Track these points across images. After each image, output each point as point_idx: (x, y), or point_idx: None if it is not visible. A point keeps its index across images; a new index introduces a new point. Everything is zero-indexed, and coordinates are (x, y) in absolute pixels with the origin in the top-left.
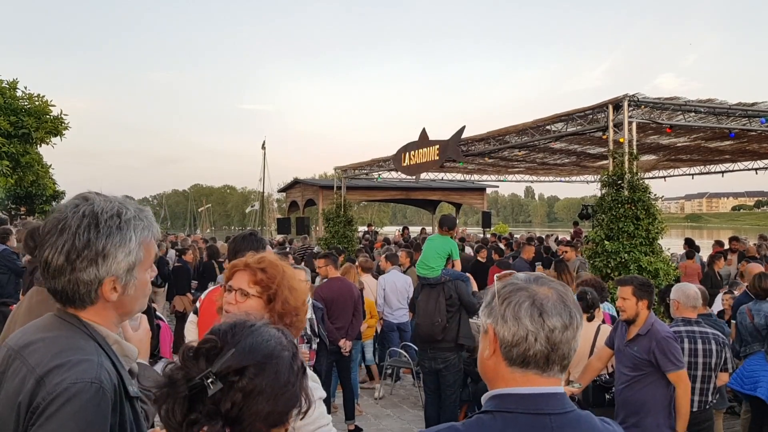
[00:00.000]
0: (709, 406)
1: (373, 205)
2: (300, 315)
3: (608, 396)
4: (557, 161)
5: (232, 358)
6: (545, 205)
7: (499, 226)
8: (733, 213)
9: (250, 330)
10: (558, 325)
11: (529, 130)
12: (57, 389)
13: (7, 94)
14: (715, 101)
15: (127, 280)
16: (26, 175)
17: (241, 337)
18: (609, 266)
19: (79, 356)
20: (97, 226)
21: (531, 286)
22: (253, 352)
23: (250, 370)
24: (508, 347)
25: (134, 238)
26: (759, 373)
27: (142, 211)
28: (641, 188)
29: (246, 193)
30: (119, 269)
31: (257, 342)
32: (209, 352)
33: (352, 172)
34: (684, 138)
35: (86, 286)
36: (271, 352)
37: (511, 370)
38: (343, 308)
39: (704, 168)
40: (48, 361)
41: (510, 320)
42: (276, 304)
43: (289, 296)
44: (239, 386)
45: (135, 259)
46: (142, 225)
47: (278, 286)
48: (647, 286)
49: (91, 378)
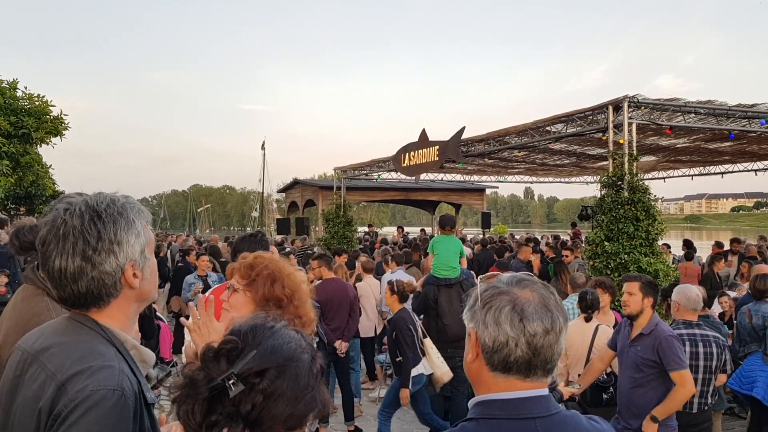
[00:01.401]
0: (708, 407)
1: (373, 206)
2: (296, 303)
3: (606, 396)
4: (557, 162)
5: (253, 360)
6: (545, 205)
7: (499, 226)
8: (733, 214)
9: (270, 332)
10: (539, 330)
11: (529, 131)
12: (79, 396)
13: (7, 94)
14: (714, 102)
15: (142, 262)
16: (26, 175)
17: (261, 339)
18: (609, 267)
19: (100, 362)
20: (100, 217)
21: (513, 290)
22: (274, 354)
23: (271, 372)
24: (489, 353)
25: (137, 220)
26: (756, 372)
27: (128, 197)
28: (641, 189)
29: (245, 194)
30: (135, 252)
31: (278, 344)
32: (230, 353)
33: (352, 172)
34: (684, 139)
35: (111, 277)
36: (292, 354)
37: (494, 375)
38: (338, 309)
39: (704, 169)
40: (69, 367)
41: (491, 325)
42: (258, 290)
43: (275, 284)
44: (260, 388)
45: (145, 239)
46: (136, 208)
47: (257, 275)
48: (654, 286)
49: (113, 385)
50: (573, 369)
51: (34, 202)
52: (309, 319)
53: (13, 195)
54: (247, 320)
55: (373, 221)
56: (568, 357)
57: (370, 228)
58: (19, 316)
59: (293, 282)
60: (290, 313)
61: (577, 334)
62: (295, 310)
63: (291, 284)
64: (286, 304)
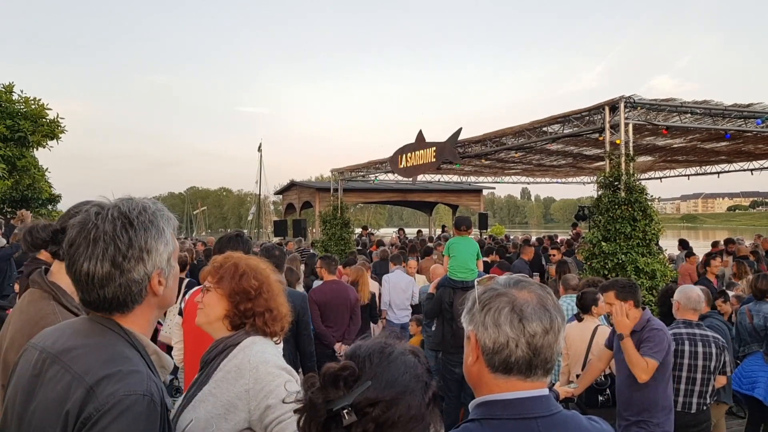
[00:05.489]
0: (707, 407)
1: (370, 208)
2: (265, 296)
3: (601, 398)
4: (554, 163)
5: (368, 391)
6: (541, 206)
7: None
8: (729, 213)
9: (387, 360)
10: (539, 330)
11: (526, 131)
12: (110, 401)
13: (3, 98)
14: (710, 102)
15: (168, 270)
16: (22, 178)
17: (378, 368)
18: (606, 267)
19: (128, 367)
20: (132, 225)
21: (511, 291)
22: (389, 387)
23: (384, 403)
24: (490, 354)
25: (166, 229)
26: (757, 373)
27: (156, 203)
28: (638, 190)
29: (242, 196)
30: (162, 261)
31: (393, 377)
32: (347, 380)
33: (349, 174)
34: (680, 139)
35: (138, 285)
36: (406, 387)
37: (495, 376)
38: (337, 312)
39: (700, 169)
40: (97, 370)
41: (490, 327)
42: (226, 286)
43: (242, 277)
44: (372, 416)
45: (172, 248)
46: (165, 216)
47: (225, 271)
48: (629, 287)
49: (143, 390)
50: (573, 369)
51: (30, 205)
52: (280, 313)
53: (9, 198)
54: (367, 344)
55: (370, 223)
56: (569, 357)
57: (364, 230)
58: (26, 320)
59: (261, 275)
60: (261, 306)
61: (577, 334)
62: (266, 303)
63: (259, 276)
64: (255, 296)
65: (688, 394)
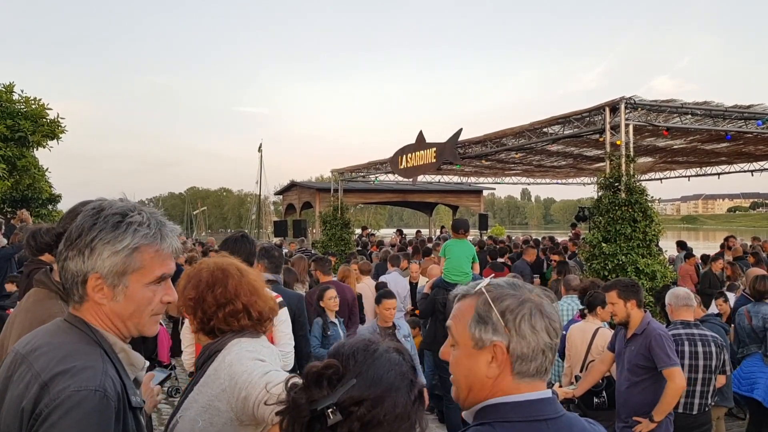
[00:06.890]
0: (708, 408)
1: (370, 208)
2: (210, 297)
3: (597, 400)
4: (554, 163)
5: (352, 390)
6: (541, 207)
7: (496, 228)
8: (729, 214)
9: (372, 358)
10: (559, 331)
11: (526, 132)
12: (60, 396)
13: (3, 98)
14: (711, 104)
15: (114, 283)
16: (22, 178)
17: (362, 366)
18: (606, 268)
19: (83, 362)
20: (95, 219)
21: (528, 295)
22: (374, 385)
23: (369, 401)
24: (524, 362)
25: (127, 240)
26: (756, 374)
27: (161, 223)
28: (638, 191)
29: (242, 196)
30: (103, 267)
31: (378, 374)
32: (331, 378)
33: (349, 174)
34: (680, 140)
35: (73, 276)
36: (391, 385)
37: (517, 382)
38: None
39: (700, 170)
40: (53, 367)
41: (528, 335)
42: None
43: (183, 293)
44: (357, 415)
45: (123, 262)
46: (144, 232)
47: (193, 287)
48: (632, 286)
49: (95, 386)
50: (574, 368)
51: (31, 205)
52: (237, 308)
53: (9, 198)
54: (351, 342)
55: (370, 223)
56: (570, 358)
57: (364, 230)
58: (32, 319)
59: (197, 278)
60: (210, 306)
61: (578, 335)
62: (215, 301)
63: (196, 283)
64: (200, 300)
65: (690, 395)
